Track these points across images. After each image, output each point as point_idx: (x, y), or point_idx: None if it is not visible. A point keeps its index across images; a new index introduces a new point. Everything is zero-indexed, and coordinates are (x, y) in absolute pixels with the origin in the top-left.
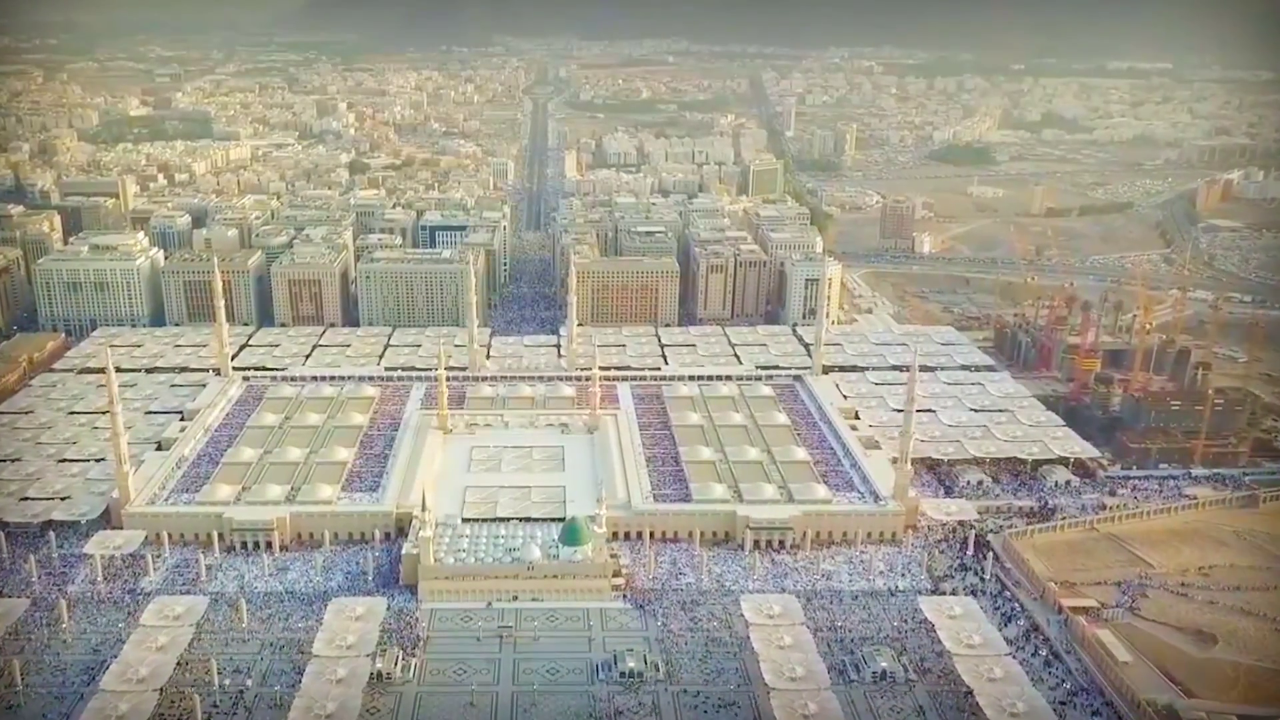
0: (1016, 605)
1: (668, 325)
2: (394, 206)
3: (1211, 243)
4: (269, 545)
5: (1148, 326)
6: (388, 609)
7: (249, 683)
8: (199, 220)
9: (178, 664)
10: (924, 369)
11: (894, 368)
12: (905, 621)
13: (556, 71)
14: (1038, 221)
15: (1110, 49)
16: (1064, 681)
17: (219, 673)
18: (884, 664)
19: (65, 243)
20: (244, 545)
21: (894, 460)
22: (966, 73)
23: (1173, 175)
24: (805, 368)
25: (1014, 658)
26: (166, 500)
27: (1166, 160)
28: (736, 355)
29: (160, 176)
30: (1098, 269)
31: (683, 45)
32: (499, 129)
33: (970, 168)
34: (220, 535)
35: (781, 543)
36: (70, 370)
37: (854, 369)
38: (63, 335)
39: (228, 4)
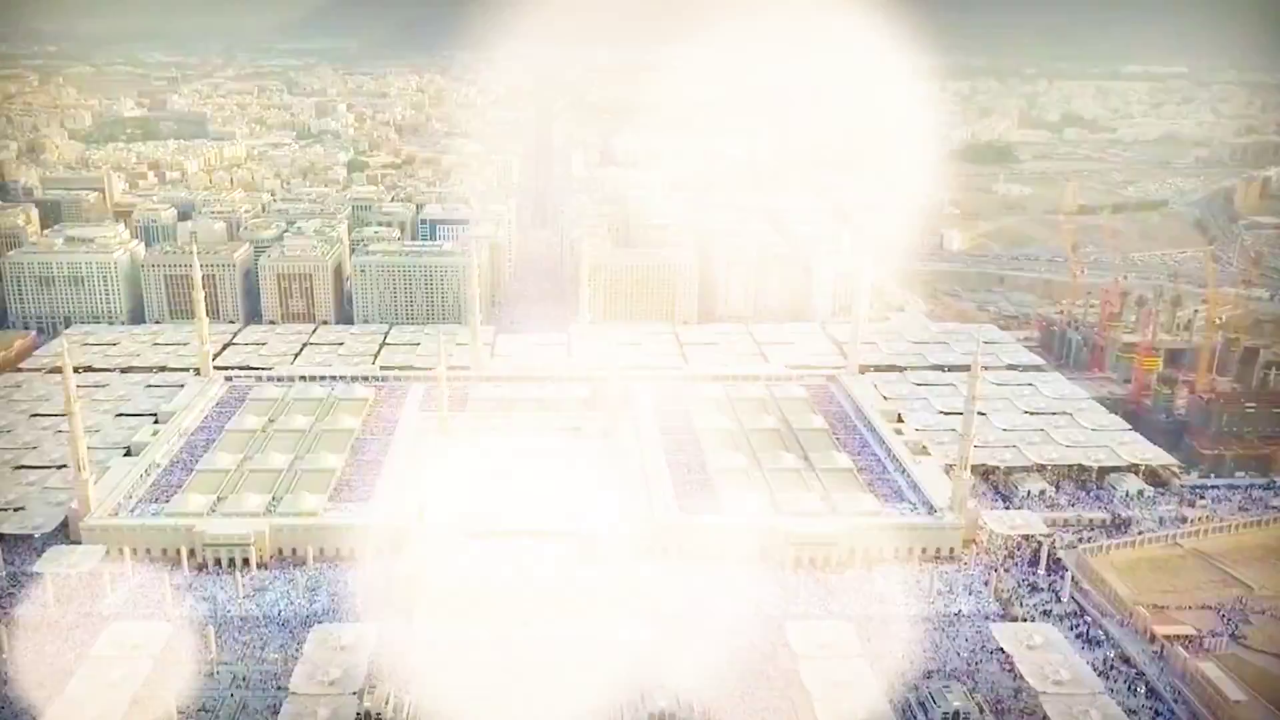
0: (1099, 632)
1: (686, 323)
2: (392, 200)
3: (1256, 240)
4: (245, 562)
5: (1216, 322)
6: (378, 637)
7: None
8: (186, 215)
9: (132, 702)
10: (970, 368)
11: (934, 367)
12: (975, 651)
13: (562, 75)
14: (1071, 219)
15: (1122, 54)
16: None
17: (180, 713)
18: (956, 703)
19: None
20: (217, 562)
21: (948, 467)
22: (978, 76)
23: (1204, 174)
24: (839, 367)
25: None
26: (132, 511)
27: (1196, 159)
28: (763, 354)
29: (150, 174)
30: (1139, 266)
31: (688, 50)
32: (503, 129)
33: (992, 166)
34: (191, 551)
35: (826, 560)
36: (37, 370)
37: (892, 368)
38: (33, 333)
39: (228, 12)
